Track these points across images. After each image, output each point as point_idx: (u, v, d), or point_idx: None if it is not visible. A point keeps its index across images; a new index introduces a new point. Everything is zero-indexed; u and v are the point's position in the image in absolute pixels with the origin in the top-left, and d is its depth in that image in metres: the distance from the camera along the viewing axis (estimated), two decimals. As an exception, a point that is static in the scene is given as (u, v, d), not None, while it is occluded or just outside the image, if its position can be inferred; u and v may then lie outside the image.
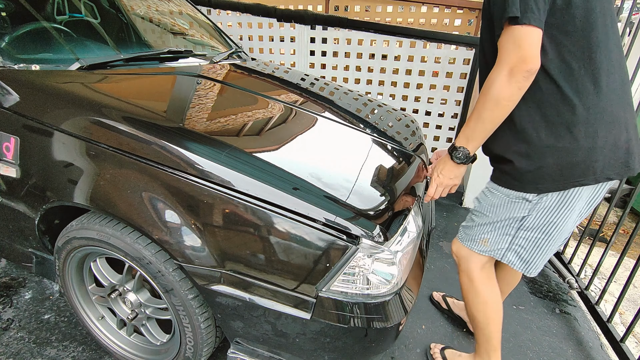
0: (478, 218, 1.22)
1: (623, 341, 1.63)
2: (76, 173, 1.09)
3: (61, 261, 1.27)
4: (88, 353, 1.44)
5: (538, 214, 1.09)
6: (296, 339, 1.05)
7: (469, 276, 1.30)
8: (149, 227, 1.02)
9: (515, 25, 0.88)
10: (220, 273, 1.02)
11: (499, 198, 1.14)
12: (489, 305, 1.31)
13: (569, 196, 1.05)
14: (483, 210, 1.19)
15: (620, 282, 2.06)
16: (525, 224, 1.12)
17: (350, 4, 4.03)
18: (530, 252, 1.16)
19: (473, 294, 1.31)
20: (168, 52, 1.74)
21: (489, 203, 1.17)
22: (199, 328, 1.13)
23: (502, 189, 1.13)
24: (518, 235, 1.15)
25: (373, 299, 1.00)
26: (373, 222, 0.98)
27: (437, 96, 3.13)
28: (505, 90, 0.93)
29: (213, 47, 2.18)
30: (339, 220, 0.95)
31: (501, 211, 1.14)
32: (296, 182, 1.00)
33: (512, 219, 1.14)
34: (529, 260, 1.18)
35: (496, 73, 0.93)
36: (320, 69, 3.39)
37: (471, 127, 1.05)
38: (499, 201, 1.14)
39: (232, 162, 1.00)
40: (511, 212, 1.13)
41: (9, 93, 1.14)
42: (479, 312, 1.32)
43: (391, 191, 1.15)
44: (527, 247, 1.16)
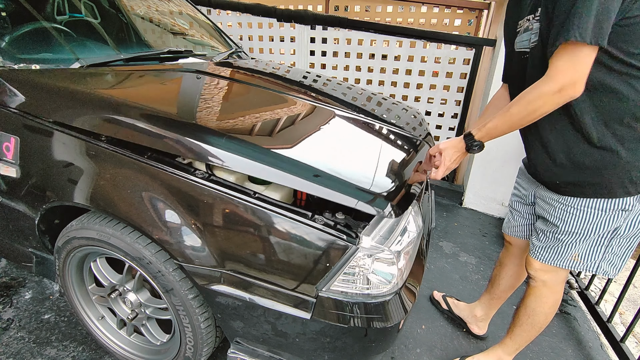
0: (565, 236, 1.17)
1: (623, 341, 1.63)
2: (76, 173, 1.09)
3: (61, 261, 1.27)
4: (88, 353, 1.44)
5: (631, 221, 1.09)
6: (296, 338, 1.05)
7: (552, 289, 1.29)
8: (149, 227, 1.02)
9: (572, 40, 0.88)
10: (220, 273, 1.02)
11: (590, 214, 1.11)
12: (555, 310, 1.33)
13: None
14: (571, 229, 1.15)
15: (620, 282, 2.05)
16: (619, 233, 1.11)
17: (350, 4, 4.03)
18: (622, 257, 1.17)
19: (551, 302, 1.31)
20: (168, 52, 1.74)
21: (578, 220, 1.13)
22: (199, 328, 1.13)
23: (590, 201, 1.10)
24: (612, 244, 1.14)
25: (373, 298, 1.00)
26: (386, 200, 0.99)
27: (437, 96, 3.13)
28: (547, 106, 0.97)
29: (213, 47, 2.18)
30: (359, 201, 0.96)
31: (594, 227, 1.12)
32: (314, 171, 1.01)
33: (607, 232, 1.12)
34: (618, 265, 1.18)
35: (546, 87, 0.95)
36: (320, 69, 3.39)
37: (497, 126, 1.06)
38: (591, 217, 1.11)
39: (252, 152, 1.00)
40: (606, 226, 1.10)
41: (10, 92, 1.14)
42: (547, 319, 1.34)
43: (402, 175, 1.17)
44: (620, 253, 1.16)
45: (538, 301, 1.32)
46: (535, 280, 1.30)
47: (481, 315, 1.68)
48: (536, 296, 1.32)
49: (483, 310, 1.68)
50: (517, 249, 1.50)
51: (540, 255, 1.25)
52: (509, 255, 1.54)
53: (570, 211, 1.14)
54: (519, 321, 1.38)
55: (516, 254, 1.51)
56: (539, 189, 1.26)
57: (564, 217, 1.15)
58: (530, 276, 1.32)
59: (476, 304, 1.72)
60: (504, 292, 1.60)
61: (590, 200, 1.09)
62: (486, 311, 1.67)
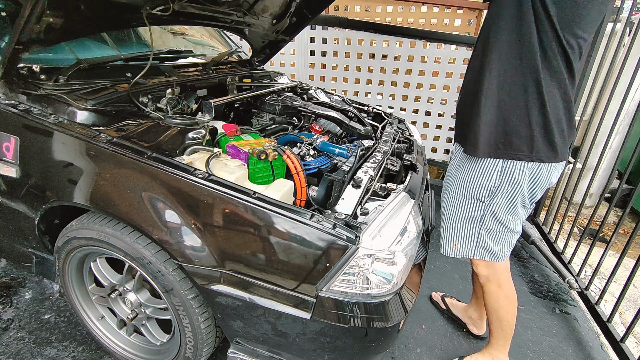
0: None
1: (623, 341, 1.63)
2: (76, 173, 1.09)
3: (61, 261, 1.27)
4: (88, 353, 1.44)
5: None
6: (296, 338, 1.05)
7: (497, 283, 1.33)
8: (148, 227, 1.02)
9: None
10: (220, 273, 1.02)
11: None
12: (513, 301, 1.36)
13: None
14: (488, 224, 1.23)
15: (620, 282, 2.05)
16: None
17: (350, 4, 4.02)
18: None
19: (503, 296, 1.34)
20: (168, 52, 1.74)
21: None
22: (199, 328, 1.13)
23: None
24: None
25: (373, 298, 1.00)
26: None
27: (437, 96, 3.13)
28: None
29: (213, 47, 2.18)
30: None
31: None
32: None
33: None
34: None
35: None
36: (320, 69, 3.39)
37: None
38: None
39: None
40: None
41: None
42: (508, 312, 1.36)
43: None
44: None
45: (491, 298, 1.36)
46: (480, 277, 1.36)
47: (476, 317, 1.70)
48: (487, 294, 1.37)
49: (476, 311, 1.69)
50: None
51: (476, 255, 1.30)
52: None
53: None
54: (489, 320, 1.43)
55: None
56: None
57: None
58: (477, 274, 1.37)
59: (469, 305, 1.74)
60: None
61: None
62: (479, 312, 1.69)
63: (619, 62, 1.98)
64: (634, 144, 1.71)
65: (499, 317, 1.38)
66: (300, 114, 1.82)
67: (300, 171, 1.22)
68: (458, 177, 1.23)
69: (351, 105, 2.12)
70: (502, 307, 1.36)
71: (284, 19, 2.03)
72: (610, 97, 1.97)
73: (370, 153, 1.44)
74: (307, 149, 1.44)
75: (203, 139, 1.20)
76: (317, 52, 3.31)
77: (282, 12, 2.00)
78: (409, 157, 1.53)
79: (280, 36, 2.17)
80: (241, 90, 1.83)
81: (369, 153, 1.44)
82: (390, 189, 1.22)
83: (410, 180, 1.33)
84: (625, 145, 1.83)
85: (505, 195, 1.15)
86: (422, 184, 1.42)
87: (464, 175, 1.21)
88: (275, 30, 2.11)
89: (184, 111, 1.45)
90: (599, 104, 2.16)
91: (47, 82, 1.22)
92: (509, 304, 1.36)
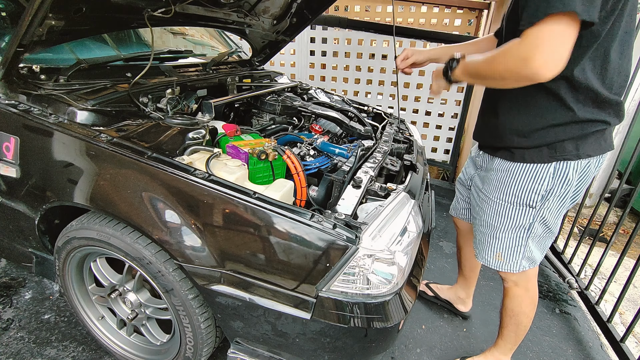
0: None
1: (623, 341, 1.63)
2: (76, 173, 1.09)
3: (61, 261, 1.27)
4: (88, 353, 1.44)
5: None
6: (296, 339, 1.05)
7: (525, 288, 1.31)
8: (149, 227, 1.02)
9: (545, 18, 0.82)
10: (220, 273, 1.02)
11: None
12: (535, 306, 1.35)
13: None
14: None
15: (620, 282, 2.05)
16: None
17: (350, 4, 4.03)
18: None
19: (528, 302, 1.32)
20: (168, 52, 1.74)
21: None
22: (199, 328, 1.13)
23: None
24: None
25: (373, 299, 1.00)
26: None
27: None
28: (506, 74, 0.94)
29: (213, 47, 2.18)
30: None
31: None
32: None
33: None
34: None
35: (508, 53, 0.92)
36: (320, 69, 3.39)
37: (474, 67, 1.04)
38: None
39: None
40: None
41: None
42: (528, 317, 1.35)
43: None
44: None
45: (515, 302, 1.34)
46: (507, 281, 1.33)
47: (464, 295, 1.79)
48: (511, 297, 1.34)
49: (464, 290, 1.79)
50: (464, 230, 1.62)
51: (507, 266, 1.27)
52: (461, 237, 1.66)
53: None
54: (504, 322, 1.40)
55: (465, 236, 1.62)
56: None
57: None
58: (502, 279, 1.35)
59: (456, 286, 1.82)
60: (472, 271, 1.71)
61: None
62: (466, 290, 1.78)
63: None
64: (634, 144, 1.71)
65: (517, 322, 1.35)
66: (300, 114, 1.82)
67: (300, 171, 1.22)
68: (504, 184, 1.16)
69: (351, 105, 2.12)
70: (524, 312, 1.33)
71: (285, 20, 2.03)
72: (610, 97, 1.97)
73: (370, 153, 1.44)
74: (307, 149, 1.44)
75: (203, 139, 1.20)
76: (317, 52, 3.31)
77: (283, 13, 2.00)
78: (409, 157, 1.53)
79: (280, 36, 2.17)
80: (241, 90, 1.83)
81: (369, 153, 1.44)
82: (390, 189, 1.22)
83: (410, 180, 1.33)
84: (625, 145, 1.83)
85: (557, 197, 1.11)
86: (422, 184, 1.42)
87: (511, 183, 1.14)
88: (276, 30, 2.11)
89: (184, 111, 1.45)
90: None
91: (47, 82, 1.22)
92: (532, 309, 1.34)
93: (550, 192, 1.10)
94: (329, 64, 3.32)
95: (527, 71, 0.85)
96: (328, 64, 3.33)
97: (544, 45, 0.81)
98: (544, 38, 0.81)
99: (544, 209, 1.13)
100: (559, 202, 1.12)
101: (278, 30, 2.12)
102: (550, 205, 1.13)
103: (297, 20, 2.05)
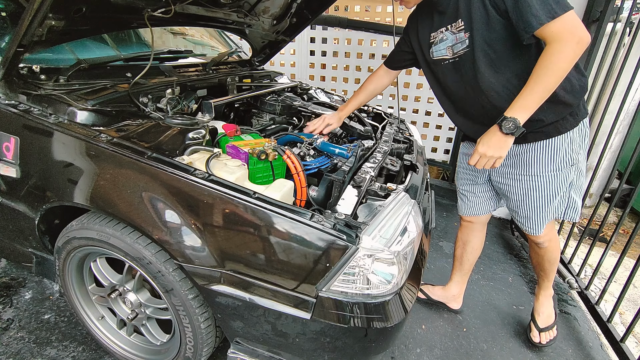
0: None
1: (623, 341, 1.63)
2: (76, 173, 1.09)
3: (61, 261, 1.27)
4: (88, 353, 1.44)
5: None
6: (296, 339, 1.05)
7: (556, 237, 1.53)
8: (149, 227, 1.02)
9: (565, 13, 1.04)
10: (220, 273, 1.02)
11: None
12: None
13: None
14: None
15: (620, 282, 2.05)
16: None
17: (350, 4, 4.03)
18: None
19: (558, 245, 1.56)
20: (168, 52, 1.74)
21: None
22: (199, 328, 1.13)
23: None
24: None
25: (373, 299, 1.00)
26: None
27: (437, 96, 3.12)
28: (572, 60, 1.08)
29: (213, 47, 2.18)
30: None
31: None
32: None
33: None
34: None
35: (564, 47, 1.05)
36: (320, 69, 3.39)
37: (532, 97, 1.11)
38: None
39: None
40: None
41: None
42: (557, 254, 1.58)
43: None
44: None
45: (554, 251, 1.55)
46: (544, 242, 1.50)
47: (457, 293, 1.83)
48: (551, 250, 1.54)
49: (457, 287, 1.83)
50: (479, 224, 1.67)
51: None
52: (471, 232, 1.69)
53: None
54: (547, 269, 1.60)
55: (479, 228, 1.68)
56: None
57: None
58: (538, 243, 1.51)
59: (450, 284, 1.84)
60: (472, 265, 1.78)
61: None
62: (460, 287, 1.83)
63: (619, 62, 1.98)
64: (634, 144, 1.71)
65: (556, 262, 1.58)
66: (300, 114, 1.82)
67: (300, 171, 1.22)
68: (547, 158, 1.31)
69: None
70: (558, 255, 1.57)
71: (285, 20, 2.03)
72: (610, 97, 1.97)
73: (370, 153, 1.44)
74: (307, 149, 1.44)
75: (203, 139, 1.20)
76: (317, 52, 3.32)
77: (283, 13, 2.00)
78: (409, 157, 1.53)
79: (280, 36, 2.17)
80: (241, 90, 1.83)
81: (369, 153, 1.44)
82: (390, 189, 1.22)
83: (410, 180, 1.33)
84: (625, 145, 1.83)
85: (584, 148, 1.34)
86: (422, 184, 1.42)
87: (554, 154, 1.30)
88: (276, 30, 2.12)
89: (184, 111, 1.45)
90: (599, 103, 2.16)
91: (47, 82, 1.22)
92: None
93: (580, 146, 1.32)
94: (329, 64, 3.32)
95: (582, 47, 1.06)
96: (328, 64, 3.33)
97: (577, 24, 1.05)
98: (573, 21, 1.05)
99: (579, 162, 1.35)
100: (584, 151, 1.36)
101: (278, 30, 2.12)
102: (582, 157, 1.35)
103: (297, 20, 2.05)
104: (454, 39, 1.24)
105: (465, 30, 1.20)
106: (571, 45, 1.05)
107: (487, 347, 1.66)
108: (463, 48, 1.22)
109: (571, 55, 1.07)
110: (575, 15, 1.06)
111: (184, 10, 1.55)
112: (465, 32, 1.20)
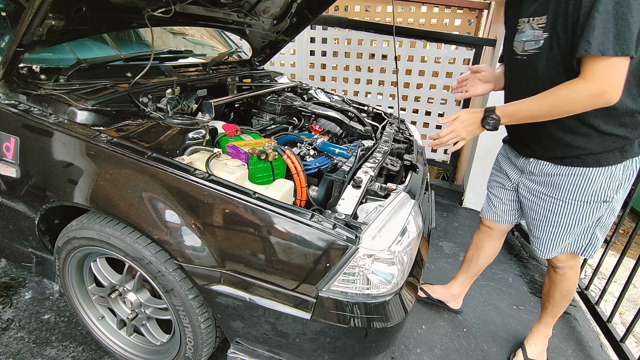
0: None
1: (623, 341, 1.63)
2: (76, 173, 1.09)
3: (61, 261, 1.27)
4: (88, 353, 1.44)
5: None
6: (296, 339, 1.05)
7: (577, 269, 1.43)
8: (149, 227, 1.02)
9: (617, 57, 0.93)
10: (220, 273, 1.02)
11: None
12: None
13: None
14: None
15: (620, 282, 2.05)
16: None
17: (350, 4, 4.03)
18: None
19: (577, 277, 1.45)
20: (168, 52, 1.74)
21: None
22: (199, 328, 1.13)
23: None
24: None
25: (373, 299, 1.00)
26: None
27: (437, 96, 3.13)
28: (582, 108, 1.01)
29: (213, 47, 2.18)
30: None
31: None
32: None
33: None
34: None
35: (584, 91, 0.98)
36: (320, 69, 3.39)
37: (519, 111, 1.09)
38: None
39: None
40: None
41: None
42: (574, 288, 1.48)
43: None
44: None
45: (570, 282, 1.45)
46: (564, 268, 1.41)
47: (458, 293, 1.81)
48: (567, 280, 1.44)
49: (459, 287, 1.81)
50: (499, 232, 1.61)
51: (565, 248, 1.34)
52: (488, 238, 1.64)
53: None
54: (555, 302, 1.50)
55: (497, 237, 1.62)
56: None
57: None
58: (557, 267, 1.42)
59: (452, 283, 1.82)
60: (480, 270, 1.74)
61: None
62: (462, 288, 1.81)
63: None
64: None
65: (568, 297, 1.48)
66: (300, 114, 1.82)
67: (300, 171, 1.22)
68: (579, 187, 1.22)
69: (351, 105, 2.12)
70: (574, 288, 1.46)
71: (285, 20, 2.03)
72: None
73: (370, 153, 1.44)
74: (307, 149, 1.44)
75: (203, 139, 1.20)
76: (317, 52, 3.31)
77: (283, 13, 2.00)
78: (409, 157, 1.53)
79: (280, 36, 2.17)
80: (241, 90, 1.83)
81: (369, 153, 1.44)
82: (390, 189, 1.22)
83: (410, 180, 1.33)
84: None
85: (625, 189, 1.23)
86: (422, 184, 1.42)
87: (587, 184, 1.20)
88: (276, 30, 2.11)
89: (184, 111, 1.45)
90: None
91: (47, 82, 1.22)
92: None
93: (620, 185, 1.20)
94: (329, 64, 3.32)
95: (601, 101, 0.98)
96: (328, 64, 3.33)
97: (613, 79, 0.95)
98: (616, 71, 0.95)
99: (614, 201, 1.23)
100: (625, 192, 1.24)
101: (278, 30, 2.12)
102: (619, 197, 1.23)
103: (297, 20, 2.05)
104: (531, 34, 1.11)
105: (545, 29, 1.07)
106: (592, 92, 0.97)
107: (487, 347, 1.66)
108: (534, 48, 1.11)
109: (585, 104, 0.99)
110: (625, 67, 0.94)
111: (184, 10, 1.55)
112: (544, 32, 1.07)
